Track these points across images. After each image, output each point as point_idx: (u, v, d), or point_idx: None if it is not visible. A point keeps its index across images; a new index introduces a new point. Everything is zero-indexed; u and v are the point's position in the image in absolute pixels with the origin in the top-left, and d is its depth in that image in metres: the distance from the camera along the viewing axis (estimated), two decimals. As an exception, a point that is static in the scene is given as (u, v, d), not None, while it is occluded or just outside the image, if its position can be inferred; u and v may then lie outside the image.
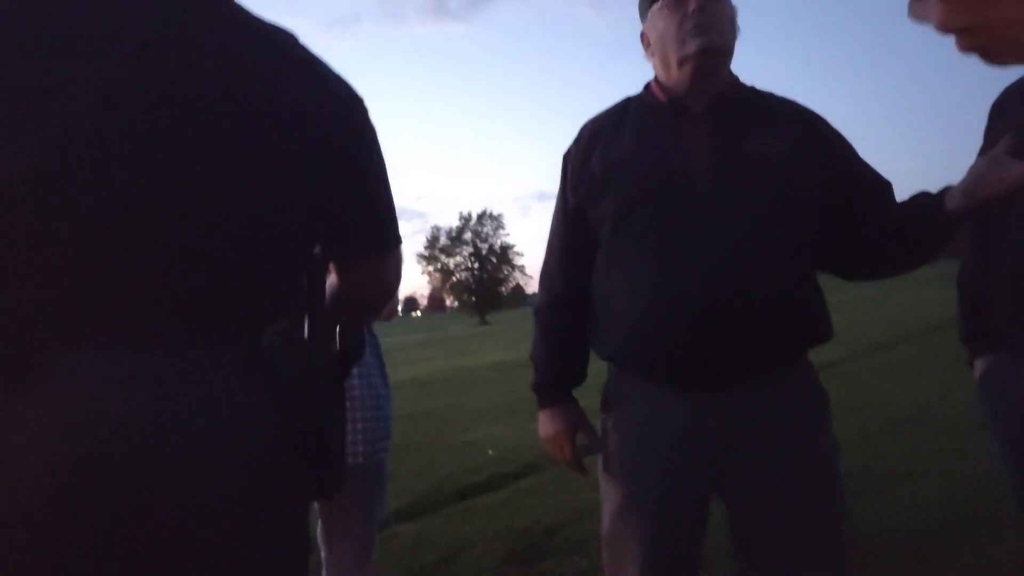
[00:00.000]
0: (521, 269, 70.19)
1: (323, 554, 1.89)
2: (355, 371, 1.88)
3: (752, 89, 1.38)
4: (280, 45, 0.89)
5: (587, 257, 1.39)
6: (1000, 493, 3.02)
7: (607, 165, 1.34)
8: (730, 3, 1.32)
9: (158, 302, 0.79)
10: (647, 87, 1.41)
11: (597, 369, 1.49)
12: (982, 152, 1.44)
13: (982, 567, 2.41)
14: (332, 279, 1.05)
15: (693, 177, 1.26)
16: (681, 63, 1.29)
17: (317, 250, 0.96)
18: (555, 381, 1.49)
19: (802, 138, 1.30)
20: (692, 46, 1.26)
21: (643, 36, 1.40)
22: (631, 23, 1.48)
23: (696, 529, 1.32)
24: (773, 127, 1.30)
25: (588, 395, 1.51)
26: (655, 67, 1.39)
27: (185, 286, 0.80)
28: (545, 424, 1.48)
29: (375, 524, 1.92)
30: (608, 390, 1.41)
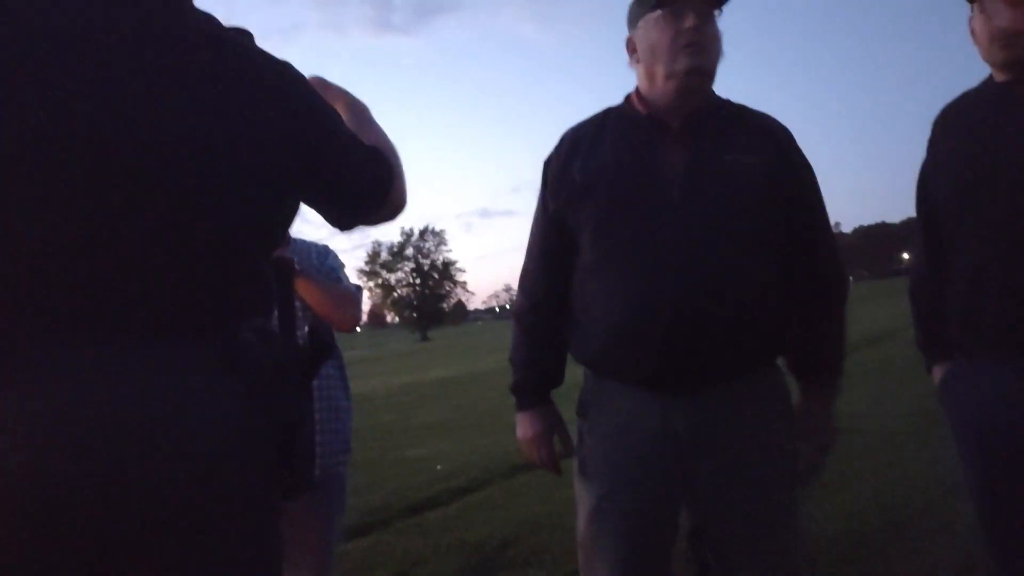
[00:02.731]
0: (463, 285, 70.17)
1: (280, 570, 1.84)
2: (315, 381, 1.84)
3: (727, 103, 1.43)
4: (235, 47, 0.90)
5: (566, 261, 1.42)
6: (931, 499, 3.18)
7: (587, 174, 1.37)
8: (717, 27, 1.36)
9: (130, 294, 0.78)
10: (627, 99, 1.45)
11: (571, 376, 1.51)
12: (925, 164, 1.53)
13: (917, 570, 2.52)
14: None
15: (669, 188, 1.31)
16: (668, 77, 1.33)
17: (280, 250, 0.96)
18: (534, 383, 1.51)
19: (772, 153, 1.36)
20: (683, 64, 1.30)
21: (629, 42, 1.42)
22: (572, 40, 1.52)
23: (668, 530, 1.35)
24: (746, 141, 1.35)
25: (561, 403, 1.53)
26: (639, 76, 1.42)
27: (157, 278, 0.80)
28: (524, 426, 1.50)
29: (334, 539, 1.88)
30: (584, 395, 1.44)
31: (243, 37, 0.93)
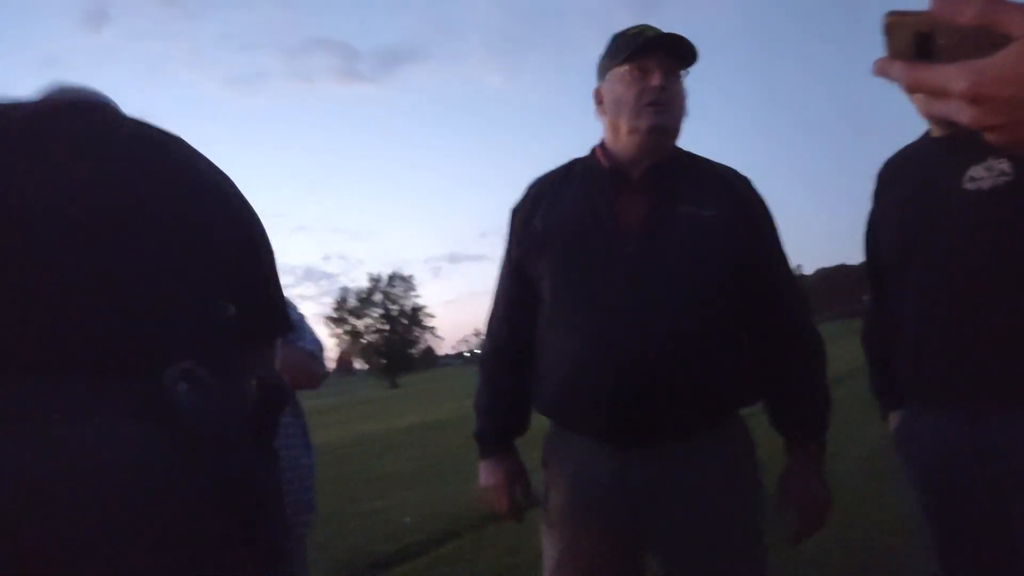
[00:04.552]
0: (432, 331, 69.73)
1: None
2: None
3: (689, 155, 1.45)
4: (163, 139, 0.89)
5: (529, 309, 1.44)
6: (894, 542, 3.21)
7: (548, 224, 1.40)
8: (683, 85, 1.39)
9: (35, 327, 0.71)
10: (592, 151, 1.47)
11: (538, 422, 1.52)
12: (870, 215, 1.58)
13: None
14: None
15: (625, 241, 1.32)
16: (631, 132, 1.36)
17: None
18: (496, 431, 1.51)
19: (730, 206, 1.37)
20: (646, 122, 1.33)
21: (597, 93, 1.45)
22: (538, 89, 1.54)
23: None
24: (704, 194, 1.37)
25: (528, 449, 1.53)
26: (604, 127, 1.44)
27: (64, 309, 0.73)
28: (485, 474, 1.50)
29: (294, 600, 1.83)
30: (547, 445, 1.44)
31: (176, 142, 0.92)
